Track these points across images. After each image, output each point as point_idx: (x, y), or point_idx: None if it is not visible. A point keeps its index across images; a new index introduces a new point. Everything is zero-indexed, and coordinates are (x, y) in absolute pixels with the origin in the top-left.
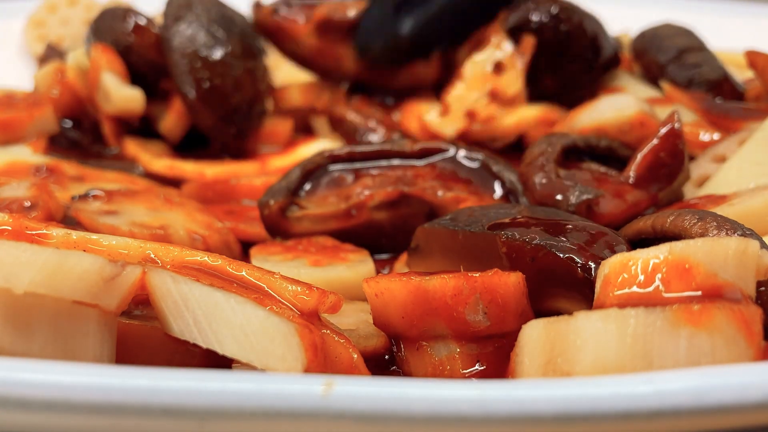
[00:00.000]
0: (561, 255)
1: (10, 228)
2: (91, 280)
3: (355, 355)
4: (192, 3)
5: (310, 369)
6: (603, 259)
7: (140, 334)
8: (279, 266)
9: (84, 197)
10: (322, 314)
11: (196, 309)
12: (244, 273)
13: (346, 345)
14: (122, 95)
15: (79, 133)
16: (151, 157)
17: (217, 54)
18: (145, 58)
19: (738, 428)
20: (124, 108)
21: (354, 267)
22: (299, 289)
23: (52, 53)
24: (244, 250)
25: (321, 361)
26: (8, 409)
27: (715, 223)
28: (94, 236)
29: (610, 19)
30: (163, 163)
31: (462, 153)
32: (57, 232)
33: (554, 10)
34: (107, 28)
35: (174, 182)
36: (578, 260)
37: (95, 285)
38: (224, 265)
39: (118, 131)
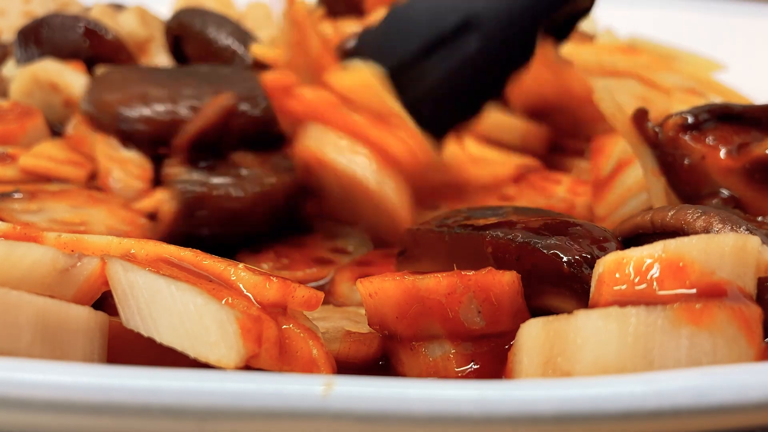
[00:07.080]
0: (546, 252)
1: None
2: (43, 270)
3: (315, 350)
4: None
5: (256, 360)
6: (589, 253)
7: (134, 332)
8: None
9: (6, 196)
10: (299, 310)
11: (140, 296)
12: (209, 264)
13: (305, 338)
14: None
15: None
16: None
17: None
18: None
19: (738, 428)
20: None
21: None
22: (259, 280)
23: None
24: None
25: (273, 354)
26: (8, 409)
27: (718, 218)
28: (84, 237)
29: (615, 18)
30: None
31: None
32: (50, 235)
33: None
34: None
35: None
36: (563, 256)
37: (48, 275)
38: (193, 256)
39: None
